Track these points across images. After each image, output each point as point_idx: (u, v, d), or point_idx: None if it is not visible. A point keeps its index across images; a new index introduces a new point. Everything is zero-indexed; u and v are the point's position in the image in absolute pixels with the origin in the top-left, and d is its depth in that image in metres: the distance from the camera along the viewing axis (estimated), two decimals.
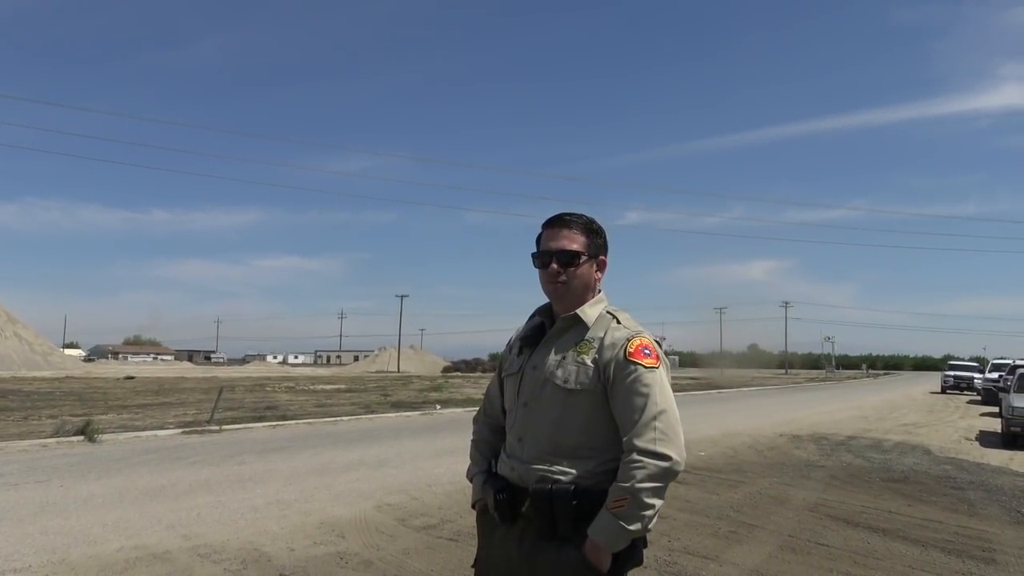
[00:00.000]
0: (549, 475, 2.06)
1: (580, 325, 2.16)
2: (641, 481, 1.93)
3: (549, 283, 2.18)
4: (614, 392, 2.06)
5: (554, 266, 2.16)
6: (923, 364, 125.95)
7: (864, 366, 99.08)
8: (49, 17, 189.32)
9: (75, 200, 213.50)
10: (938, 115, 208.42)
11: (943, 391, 37.47)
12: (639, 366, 2.04)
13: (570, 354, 2.12)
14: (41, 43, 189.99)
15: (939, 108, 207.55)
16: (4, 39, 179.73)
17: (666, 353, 2.17)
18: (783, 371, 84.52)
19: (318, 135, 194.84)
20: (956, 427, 17.86)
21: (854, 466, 10.44)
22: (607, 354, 2.08)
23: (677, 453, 1.99)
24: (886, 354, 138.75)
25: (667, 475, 1.97)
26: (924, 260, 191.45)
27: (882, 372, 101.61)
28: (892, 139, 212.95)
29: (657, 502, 1.96)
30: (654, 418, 2.00)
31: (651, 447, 1.96)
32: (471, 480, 2.36)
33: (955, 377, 38.19)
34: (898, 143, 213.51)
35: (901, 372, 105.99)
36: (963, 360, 50.52)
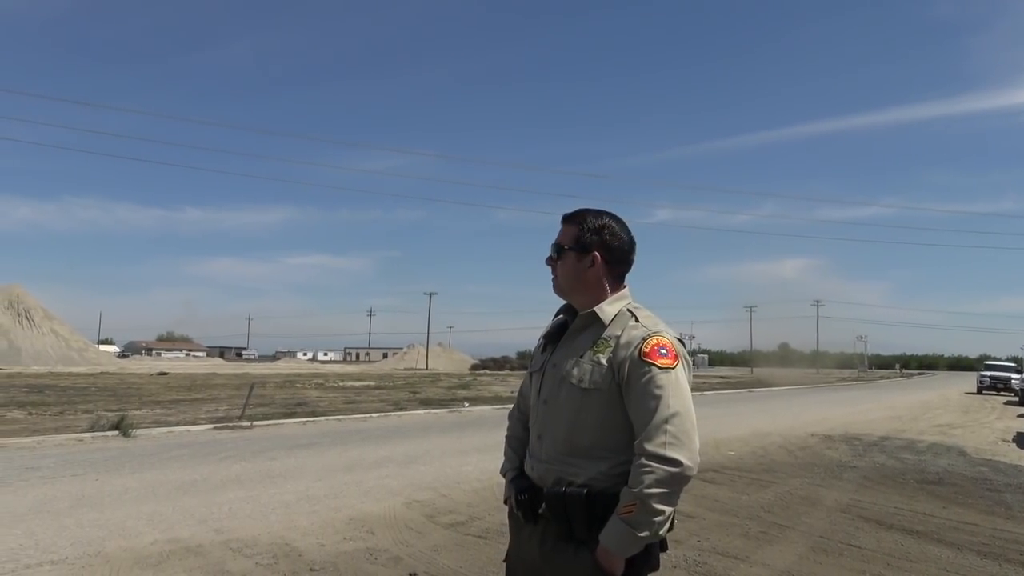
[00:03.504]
0: (564, 476, 2.04)
1: (598, 323, 2.11)
2: (649, 487, 1.87)
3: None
4: (628, 393, 2.00)
5: (549, 260, 2.21)
6: (958, 364, 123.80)
7: (898, 365, 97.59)
8: (86, 20, 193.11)
9: (111, 199, 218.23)
10: (975, 111, 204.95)
11: (979, 391, 36.83)
12: (653, 366, 1.97)
13: (587, 353, 2.08)
14: (78, 45, 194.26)
15: (976, 104, 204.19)
16: (43, 42, 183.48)
17: (695, 352, 2.13)
18: (814, 370, 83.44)
19: (348, 134, 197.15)
20: (992, 428, 17.51)
21: (887, 467, 10.28)
22: (622, 353, 2.02)
23: (688, 458, 1.90)
24: (920, 353, 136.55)
25: (677, 480, 1.89)
26: (960, 258, 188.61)
27: (916, 372, 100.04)
28: (927, 135, 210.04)
29: (667, 508, 1.89)
30: (665, 421, 1.91)
31: (660, 451, 1.88)
32: (504, 476, 2.37)
33: (991, 377, 37.57)
34: (934, 139, 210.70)
35: (935, 372, 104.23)
36: (1000, 360, 49.60)
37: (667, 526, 1.92)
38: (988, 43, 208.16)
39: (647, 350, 1.99)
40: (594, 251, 2.16)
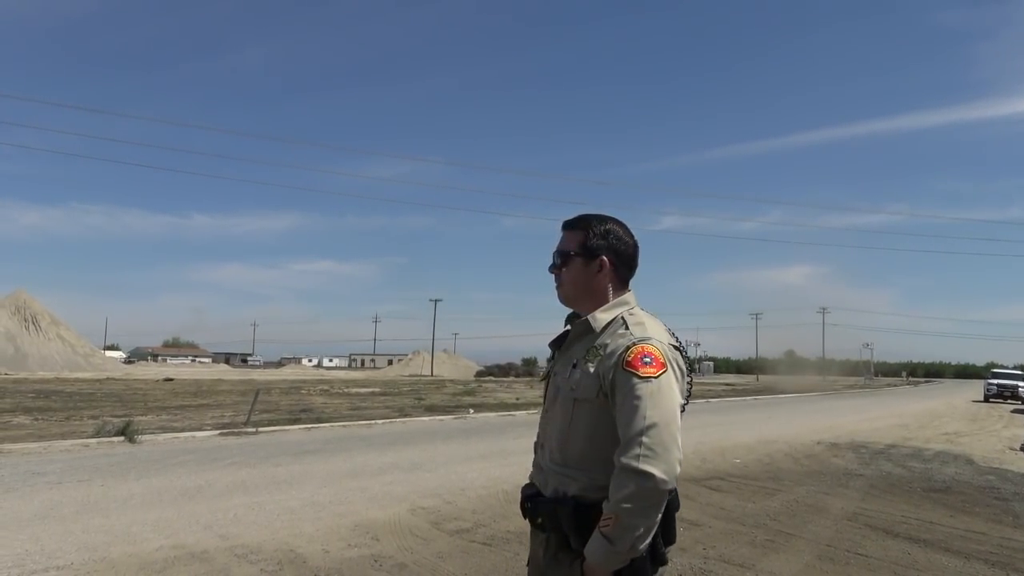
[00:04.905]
0: (559, 486, 2.04)
1: (591, 331, 2.09)
2: (623, 501, 1.83)
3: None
4: (614, 403, 1.96)
5: (553, 268, 2.20)
6: (965, 372, 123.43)
7: (904, 373, 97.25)
8: (95, 27, 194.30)
9: (118, 205, 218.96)
10: (982, 118, 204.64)
11: (986, 400, 36.68)
12: (634, 376, 1.91)
13: (580, 361, 2.06)
14: (87, 52, 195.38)
15: (984, 111, 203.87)
16: (52, 48, 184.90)
17: (700, 359, 2.11)
18: (819, 378, 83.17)
19: (355, 140, 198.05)
20: (1000, 437, 17.43)
21: (894, 475, 10.24)
22: (608, 362, 1.98)
23: (663, 471, 1.82)
24: (927, 361, 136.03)
25: (649, 495, 1.82)
26: (966, 265, 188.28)
27: (922, 380, 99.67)
28: (934, 143, 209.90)
29: (643, 522, 1.84)
30: (641, 433, 1.85)
31: (634, 464, 1.83)
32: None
33: (998, 385, 37.40)
34: (941, 147, 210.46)
35: (942, 380, 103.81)
36: (1007, 368, 49.44)
37: (646, 540, 1.87)
38: (995, 51, 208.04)
39: (630, 359, 1.94)
40: (601, 255, 2.14)
